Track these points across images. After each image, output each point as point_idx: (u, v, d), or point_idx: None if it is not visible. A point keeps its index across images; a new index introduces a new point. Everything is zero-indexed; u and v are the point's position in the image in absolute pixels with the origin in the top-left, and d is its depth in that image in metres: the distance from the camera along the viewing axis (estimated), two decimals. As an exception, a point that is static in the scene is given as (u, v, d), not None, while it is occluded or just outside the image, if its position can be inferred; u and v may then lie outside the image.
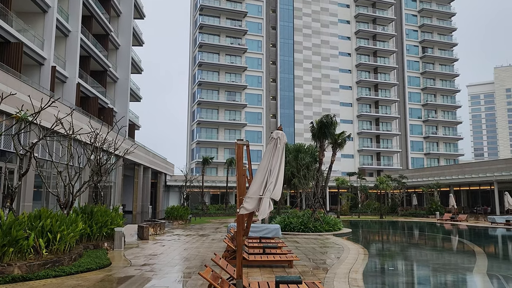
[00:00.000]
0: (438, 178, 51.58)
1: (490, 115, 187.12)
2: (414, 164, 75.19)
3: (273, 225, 16.98)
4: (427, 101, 77.28)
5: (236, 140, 7.51)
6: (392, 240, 23.33)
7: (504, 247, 20.55)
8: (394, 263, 14.05)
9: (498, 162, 51.40)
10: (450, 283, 10.42)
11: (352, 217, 47.26)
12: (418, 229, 30.80)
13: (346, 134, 29.92)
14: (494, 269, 12.11)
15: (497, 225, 33.46)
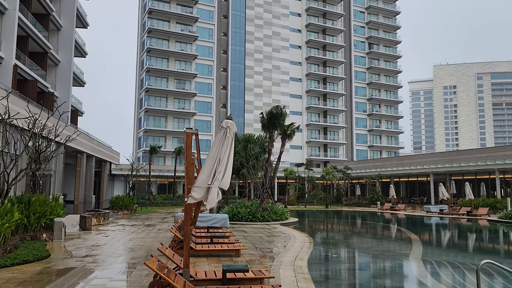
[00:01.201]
0: (380, 169, 53.94)
1: (428, 110, 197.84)
2: (359, 156, 78.07)
3: (221, 215, 16.97)
4: (372, 96, 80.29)
5: (185, 128, 7.38)
6: (336, 229, 24.15)
7: (437, 235, 21.93)
8: (338, 251, 14.55)
9: (434, 155, 54.63)
10: (388, 269, 10.96)
11: (299, 207, 48.35)
12: (360, 218, 32.08)
13: (295, 125, 30.39)
14: (428, 255, 12.89)
15: (431, 214, 35.62)
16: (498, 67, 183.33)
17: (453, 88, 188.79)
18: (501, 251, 15.72)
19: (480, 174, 44.10)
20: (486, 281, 9.11)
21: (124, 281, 8.29)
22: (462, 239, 20.03)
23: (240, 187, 55.06)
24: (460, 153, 50.78)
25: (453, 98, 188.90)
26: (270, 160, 26.24)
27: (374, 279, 9.69)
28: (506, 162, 38.90)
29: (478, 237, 20.43)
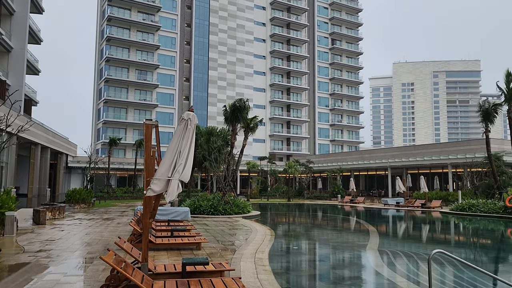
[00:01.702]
0: (341, 163, 55.14)
1: (387, 106, 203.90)
2: (321, 150, 79.42)
3: (182, 208, 16.80)
4: (334, 91, 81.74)
5: (144, 120, 7.20)
6: (298, 221, 24.50)
7: (393, 226, 22.71)
8: (298, 243, 14.76)
9: (393, 150, 56.45)
10: (346, 260, 11.24)
11: (262, 200, 48.67)
12: (321, 211, 32.70)
13: (258, 118, 30.49)
14: (384, 246, 13.33)
15: (389, 206, 36.85)
16: (453, 66, 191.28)
17: (411, 85, 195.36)
18: (451, 241, 16.48)
19: (434, 168, 46.00)
20: (437, 270, 9.51)
21: (79, 276, 8.04)
22: (416, 230, 20.84)
23: (203, 180, 54.73)
24: (416, 148, 52.74)
25: (410, 95, 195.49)
26: (233, 153, 26.21)
27: (333, 269, 9.91)
28: (458, 157, 40.76)
29: (431, 228, 21.32)
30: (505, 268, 10.87)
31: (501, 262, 11.76)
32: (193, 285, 6.50)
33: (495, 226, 21.16)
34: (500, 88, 28.62)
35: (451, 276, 9.07)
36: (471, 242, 16.27)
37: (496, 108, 29.84)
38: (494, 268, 10.45)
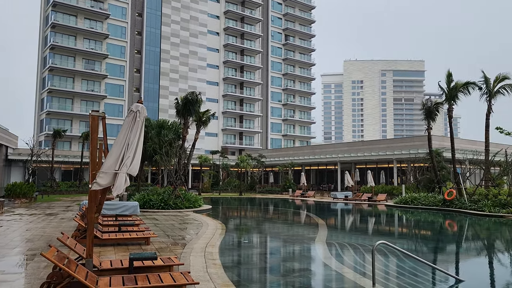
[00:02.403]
0: (292, 158, 56.04)
1: (338, 103, 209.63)
2: (273, 144, 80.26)
3: (131, 203, 16.38)
4: (287, 86, 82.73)
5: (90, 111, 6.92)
6: (249, 215, 24.65)
7: (341, 219, 23.44)
8: (249, 237, 14.86)
9: (342, 145, 58.14)
10: (296, 252, 11.45)
11: (213, 194, 48.52)
12: (272, 205, 33.10)
13: (210, 112, 30.28)
14: (332, 238, 13.72)
15: (337, 200, 37.97)
16: (400, 66, 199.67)
17: (361, 82, 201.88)
18: (395, 232, 17.26)
19: (380, 163, 47.89)
20: (381, 260, 9.93)
21: (19, 273, 7.63)
22: (362, 223, 21.62)
23: (153, 174, 53.65)
24: (365, 143, 54.63)
25: (360, 92, 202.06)
26: (184, 146, 25.86)
27: (282, 262, 10.06)
28: (402, 153, 42.69)
29: (376, 221, 22.21)
30: (443, 257, 11.53)
31: (439, 252, 12.46)
32: (141, 280, 6.35)
33: (435, 218, 22.39)
34: (441, 87, 30.22)
35: (394, 266, 9.49)
36: (413, 234, 17.12)
37: (437, 106, 31.49)
38: (433, 258, 11.06)
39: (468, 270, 9.74)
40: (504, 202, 23.34)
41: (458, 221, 20.79)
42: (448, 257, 11.57)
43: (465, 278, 7.99)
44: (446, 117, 30.81)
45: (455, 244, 14.35)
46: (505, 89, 28.70)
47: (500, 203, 23.34)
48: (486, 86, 28.66)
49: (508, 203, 23.22)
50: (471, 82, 28.99)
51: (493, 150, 30.68)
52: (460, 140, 46.17)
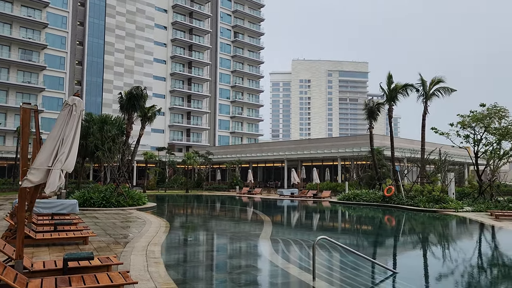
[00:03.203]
0: (240, 155, 56.17)
1: (286, 101, 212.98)
2: (221, 141, 80.00)
3: (69, 201, 15.64)
4: (235, 84, 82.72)
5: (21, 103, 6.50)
6: (195, 213, 24.39)
7: (287, 216, 23.83)
8: (194, 234, 14.69)
9: (289, 143, 59.14)
10: (240, 249, 11.47)
11: (159, 191, 47.55)
12: (219, 202, 32.99)
13: (156, 108, 29.59)
14: (277, 235, 13.89)
15: (284, 197, 38.55)
16: (345, 66, 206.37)
17: (308, 82, 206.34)
18: (338, 228, 17.81)
19: (326, 161, 49.24)
20: (323, 255, 10.18)
21: None
22: (307, 219, 22.12)
23: (95, 171, 51.61)
24: (311, 141, 55.92)
25: (307, 91, 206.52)
26: (128, 143, 25.08)
27: (226, 259, 10.04)
28: (346, 151, 44.15)
29: (320, 217, 22.81)
30: (380, 251, 12.05)
31: (377, 246, 13.01)
32: (75, 281, 6.06)
33: (375, 213, 23.37)
34: (382, 88, 31.58)
35: (334, 261, 9.77)
36: (353, 229, 17.75)
37: (379, 107, 32.87)
38: (372, 251, 11.52)
39: (402, 262, 10.23)
40: (437, 198, 24.82)
41: (396, 216, 21.82)
42: (385, 251, 12.10)
43: (399, 270, 8.38)
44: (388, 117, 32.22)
45: (392, 238, 15.04)
46: (439, 91, 30.51)
47: (434, 199, 24.81)
48: (423, 88, 30.30)
49: (441, 199, 24.73)
50: (409, 84, 30.52)
51: (429, 149, 32.49)
52: (400, 140, 48.51)
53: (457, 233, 16.66)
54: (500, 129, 27.96)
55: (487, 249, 12.78)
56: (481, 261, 10.56)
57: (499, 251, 12.37)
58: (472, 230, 16.98)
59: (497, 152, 29.08)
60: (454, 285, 7.78)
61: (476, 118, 28.31)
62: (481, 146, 28.89)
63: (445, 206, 23.50)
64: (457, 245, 13.47)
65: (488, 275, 8.90)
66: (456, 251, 12.08)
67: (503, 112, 28.08)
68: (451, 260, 10.69)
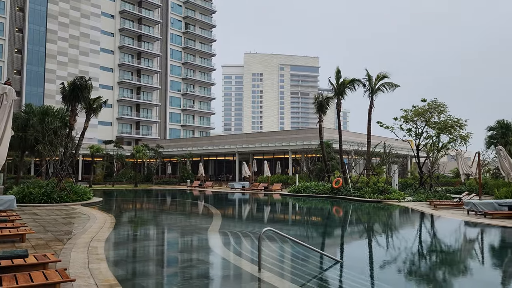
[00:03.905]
0: (191, 148, 55.51)
1: (238, 94, 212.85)
2: (172, 134, 78.65)
3: (6, 197, 14.77)
4: (186, 76, 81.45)
5: None
6: (143, 207, 23.84)
7: (237, 209, 23.87)
8: (141, 229, 14.33)
9: (241, 136, 59.17)
10: (188, 243, 11.32)
11: (107, 186, 46.06)
12: (169, 196, 32.47)
13: (102, 99, 28.49)
14: (226, 228, 13.85)
15: (235, 190, 38.61)
16: (297, 61, 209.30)
17: (260, 75, 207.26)
18: (287, 220, 18.07)
19: (277, 154, 49.77)
20: (270, 246, 10.27)
21: None
22: (257, 211, 22.26)
23: (36, 165, 49.03)
24: (262, 134, 56.28)
25: (259, 84, 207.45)
26: (72, 135, 23.98)
27: (172, 254, 9.86)
28: (297, 144, 44.87)
29: (271, 209, 23.04)
30: (326, 241, 12.35)
31: (323, 236, 13.32)
32: (7, 281, 5.71)
33: (323, 205, 23.95)
34: (331, 83, 32.29)
35: (281, 251, 9.88)
36: (302, 220, 18.09)
37: (328, 101, 33.60)
38: (318, 241, 11.78)
39: (346, 251, 10.54)
40: (381, 189, 25.86)
41: (343, 207, 22.49)
42: (330, 241, 12.42)
43: (343, 259, 8.62)
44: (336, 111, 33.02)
45: (338, 228, 15.47)
46: (384, 86, 31.64)
47: (379, 190, 25.82)
48: (369, 83, 31.30)
49: (385, 189, 25.78)
50: (356, 79, 31.44)
51: (375, 142, 33.70)
52: (348, 133, 49.96)
53: (399, 222, 17.43)
54: (439, 123, 29.57)
55: (426, 237, 13.47)
56: (420, 248, 11.10)
57: (437, 239, 13.08)
58: (413, 219, 17.83)
59: (436, 145, 30.75)
60: (395, 271, 8.11)
61: (418, 113, 29.73)
62: (422, 139, 30.42)
63: (389, 197, 24.52)
64: (399, 233, 14.08)
65: (427, 261, 9.36)
66: (397, 239, 12.62)
67: (442, 107, 29.70)
68: (392, 247, 11.14)
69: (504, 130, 36.83)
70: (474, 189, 27.74)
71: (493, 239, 12.70)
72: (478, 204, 17.30)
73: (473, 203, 17.50)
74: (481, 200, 19.02)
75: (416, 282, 7.43)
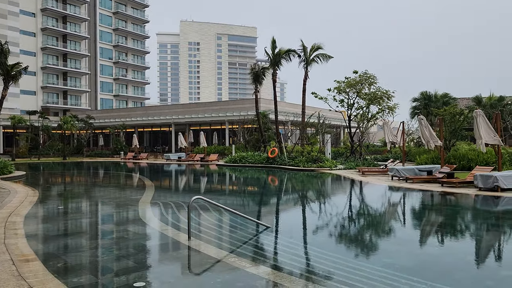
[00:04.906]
0: (125, 119, 53.44)
1: (175, 64, 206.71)
2: (104, 105, 75.00)
3: None
4: (118, 43, 77.28)
5: None
6: (72, 180, 22.73)
7: (171, 180, 23.55)
8: (66, 203, 13.63)
9: (177, 107, 57.88)
10: (116, 214, 10.94)
11: (32, 159, 43.30)
12: (101, 169, 31.24)
13: (22, 66, 26.25)
14: (158, 198, 13.57)
15: (171, 161, 38.04)
16: (235, 30, 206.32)
17: (197, 44, 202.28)
18: (224, 189, 18.12)
19: (214, 125, 49.41)
20: (202, 215, 10.23)
21: None
22: (192, 182, 22.11)
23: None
24: (199, 105, 55.46)
25: (196, 54, 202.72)
26: (-12, 104, 21.98)
27: (98, 226, 9.49)
28: (234, 114, 44.78)
29: (207, 180, 22.97)
30: (260, 208, 12.55)
31: (255, 204, 13.53)
32: None
33: (259, 174, 24.31)
34: (267, 53, 32.31)
35: (213, 220, 9.87)
36: (236, 189, 18.24)
37: (264, 71, 33.66)
38: (251, 209, 11.93)
39: (277, 217, 10.78)
40: (315, 158, 26.72)
41: (278, 176, 22.98)
42: (262, 208, 12.64)
43: (270, 225, 8.79)
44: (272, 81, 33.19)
45: (271, 196, 15.80)
46: (319, 57, 32.28)
47: (312, 159, 26.66)
48: (304, 54, 31.73)
49: (318, 158, 26.67)
50: (292, 50, 31.70)
51: (309, 112, 34.53)
52: (285, 104, 50.63)
53: (329, 189, 18.17)
54: (369, 94, 30.85)
55: (354, 201, 14.16)
56: (347, 211, 11.63)
57: (364, 203, 13.80)
58: (342, 186, 18.66)
59: (366, 116, 32.15)
60: (323, 234, 8.43)
61: (350, 84, 30.77)
62: (353, 110, 31.65)
63: (322, 165, 25.43)
64: (329, 199, 14.67)
65: (353, 223, 9.83)
66: (328, 205, 13.14)
67: (372, 79, 30.94)
68: (322, 212, 11.58)
69: (426, 101, 39.36)
70: (399, 157, 29.55)
71: (412, 202, 13.65)
72: (400, 170, 18.45)
73: (397, 169, 18.64)
74: (404, 166, 20.29)
75: (341, 242, 7.77)
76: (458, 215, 10.83)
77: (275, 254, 6.83)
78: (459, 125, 26.27)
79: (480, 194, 13.42)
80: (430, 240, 8.07)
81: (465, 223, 9.81)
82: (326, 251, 6.75)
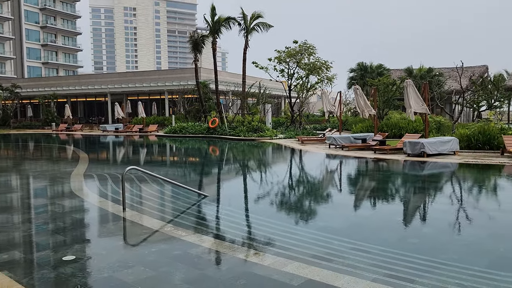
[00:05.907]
0: (55, 88, 50.14)
1: (109, 30, 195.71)
2: (31, 73, 69.77)
3: None
4: (45, 6, 71.39)
5: None
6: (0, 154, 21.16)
7: (107, 152, 22.64)
8: (-10, 177, 12.67)
9: (113, 76, 55.21)
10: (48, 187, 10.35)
11: (-50, 132, 39.66)
12: (30, 141, 29.35)
13: None
14: (92, 170, 12.99)
15: (108, 133, 36.56)
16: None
17: (133, 10, 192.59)
18: (163, 160, 17.72)
19: (153, 95, 47.84)
20: (138, 186, 9.96)
21: None
22: (130, 153, 21.42)
23: None
24: (136, 74, 53.34)
25: (133, 20, 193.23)
26: None
27: (26, 200, 8.92)
28: (173, 84, 43.60)
29: (146, 151, 22.36)
30: (196, 178, 12.45)
31: (194, 174, 13.41)
32: None
33: (200, 144, 24.06)
34: (206, 20, 31.42)
35: (150, 190, 9.64)
36: (175, 159, 17.95)
37: (203, 39, 32.80)
38: (190, 179, 11.79)
39: (216, 187, 10.77)
40: (256, 127, 26.89)
41: (219, 146, 22.89)
42: (202, 178, 12.56)
43: (209, 194, 8.75)
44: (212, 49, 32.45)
45: (211, 166, 15.74)
46: (259, 26, 31.95)
47: (253, 129, 26.82)
48: (244, 23, 31.24)
49: (259, 128, 26.87)
50: (231, 18, 31.06)
51: (250, 82, 34.41)
52: (226, 73, 50.03)
53: (269, 158, 18.43)
54: (309, 64, 31.27)
55: (293, 169, 14.47)
56: (285, 179, 11.86)
57: (302, 170, 14.14)
58: (282, 154, 18.99)
59: (305, 86, 32.67)
60: (262, 201, 8.52)
61: (290, 54, 30.93)
62: (293, 80, 31.99)
63: (262, 135, 25.67)
64: (269, 167, 14.87)
65: (290, 189, 10.04)
66: (267, 173, 13.32)
67: (311, 49, 31.30)
68: (261, 180, 11.72)
69: (363, 72, 40.68)
70: (337, 126, 30.54)
71: (347, 169, 14.22)
72: (337, 139, 19.09)
73: (334, 138, 19.26)
74: (340, 135, 21.01)
75: (280, 209, 7.92)
76: (388, 180, 11.44)
77: (212, 223, 6.81)
78: (392, 95, 27.52)
79: (409, 160, 14.26)
80: (362, 203, 8.45)
81: (394, 187, 10.39)
82: (265, 217, 6.84)
